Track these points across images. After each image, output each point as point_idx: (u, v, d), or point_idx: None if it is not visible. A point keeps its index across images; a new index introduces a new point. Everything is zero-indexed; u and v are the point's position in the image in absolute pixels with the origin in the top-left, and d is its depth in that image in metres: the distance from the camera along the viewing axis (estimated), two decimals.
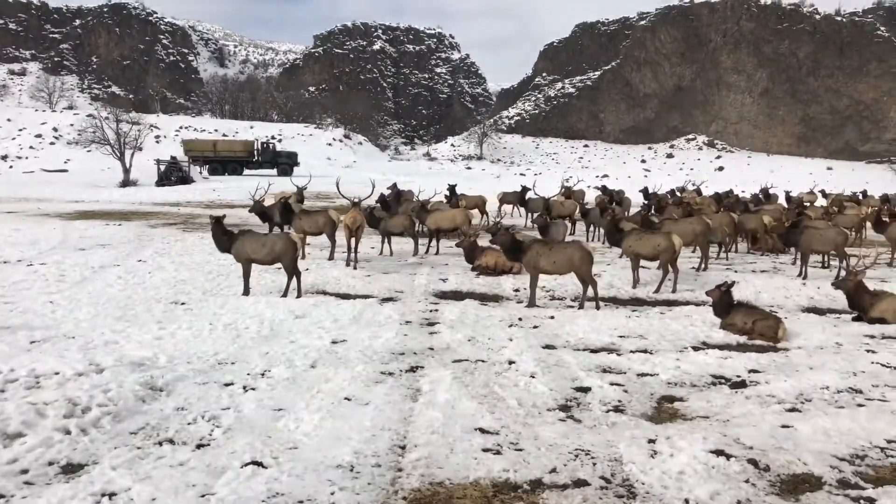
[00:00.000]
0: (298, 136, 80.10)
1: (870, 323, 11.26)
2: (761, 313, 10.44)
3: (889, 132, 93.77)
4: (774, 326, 10.05)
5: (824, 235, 15.44)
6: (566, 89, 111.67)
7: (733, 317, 10.41)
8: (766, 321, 10.15)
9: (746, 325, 10.20)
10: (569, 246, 11.86)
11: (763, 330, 10.08)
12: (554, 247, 11.83)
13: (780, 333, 9.98)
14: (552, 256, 11.67)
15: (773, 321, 10.16)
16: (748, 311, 10.48)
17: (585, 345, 9.58)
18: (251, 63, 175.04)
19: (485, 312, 11.19)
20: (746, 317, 10.26)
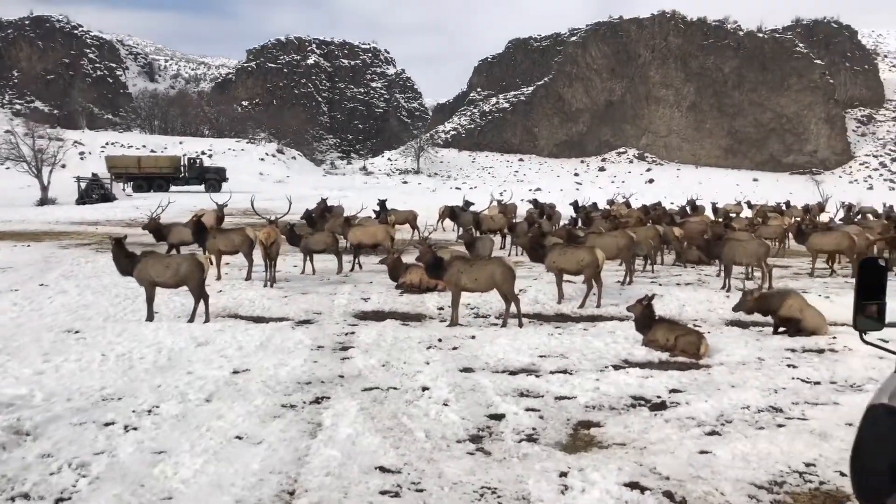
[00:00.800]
0: (230, 152, 78.41)
1: (783, 325, 11.28)
2: (683, 329, 10.27)
3: (810, 144, 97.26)
4: (696, 342, 9.87)
5: (746, 247, 15.50)
6: (500, 104, 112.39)
7: (655, 332, 10.21)
8: (687, 337, 9.96)
9: (668, 341, 10.01)
10: (490, 263, 11.51)
11: (685, 346, 9.88)
12: (475, 264, 11.46)
13: (702, 349, 9.81)
14: (473, 273, 11.29)
15: (696, 337, 9.97)
16: (670, 326, 10.30)
17: (505, 366, 9.19)
18: (182, 78, 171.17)
19: (403, 334, 10.71)
20: (668, 332, 10.07)
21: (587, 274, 13.30)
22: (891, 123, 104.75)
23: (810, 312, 11.30)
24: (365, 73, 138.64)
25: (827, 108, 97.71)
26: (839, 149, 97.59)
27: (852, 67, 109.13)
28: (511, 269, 11.39)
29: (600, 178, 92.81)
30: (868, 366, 9.46)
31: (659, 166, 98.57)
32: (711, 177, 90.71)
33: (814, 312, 11.34)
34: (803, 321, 11.18)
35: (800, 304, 11.31)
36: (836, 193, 68.49)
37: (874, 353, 9.97)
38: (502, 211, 26.88)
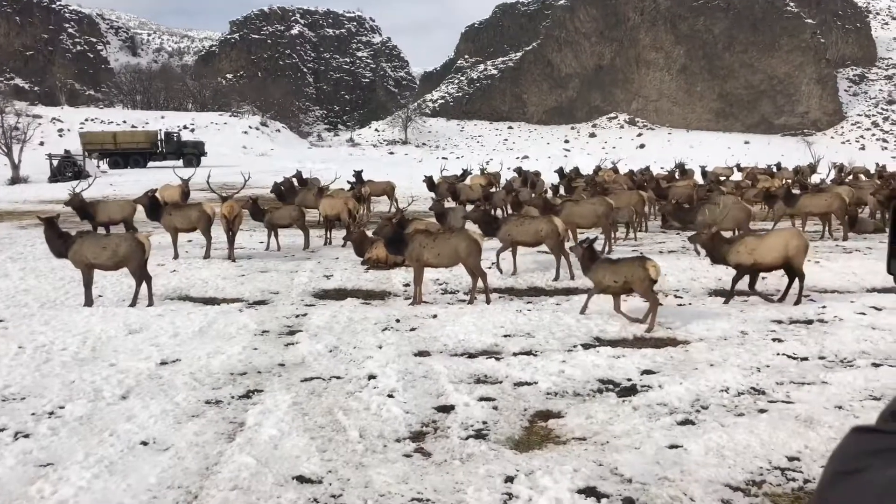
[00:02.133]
0: (212, 126, 76.92)
1: (734, 268, 10.57)
2: (627, 264, 9.30)
3: (801, 105, 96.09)
4: (644, 273, 9.00)
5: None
6: (489, 71, 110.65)
7: (596, 273, 9.42)
8: (633, 271, 9.08)
9: (616, 282, 9.22)
10: (454, 235, 10.69)
11: (635, 283, 9.09)
12: (438, 237, 10.63)
13: (653, 274, 9.00)
14: (436, 248, 10.47)
15: (640, 269, 9.03)
16: (612, 266, 9.38)
17: (465, 348, 8.42)
18: (166, 52, 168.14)
19: (360, 314, 9.90)
20: (613, 274, 9.23)
21: (549, 245, 12.52)
22: (883, 82, 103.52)
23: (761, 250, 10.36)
24: (350, 42, 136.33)
25: (818, 68, 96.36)
26: (831, 109, 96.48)
27: (844, 26, 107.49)
28: (477, 241, 10.57)
29: (591, 144, 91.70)
30: (860, 337, 8.72)
31: (650, 131, 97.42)
32: (703, 140, 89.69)
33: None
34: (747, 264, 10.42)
35: (749, 248, 10.37)
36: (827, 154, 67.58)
37: (866, 324, 9.25)
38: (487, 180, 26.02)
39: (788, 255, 10.22)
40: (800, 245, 10.31)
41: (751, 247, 10.32)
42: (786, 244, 10.24)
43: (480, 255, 10.72)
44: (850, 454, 1.05)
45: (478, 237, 10.71)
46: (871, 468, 0.97)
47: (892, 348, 8.37)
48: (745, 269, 10.47)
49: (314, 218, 18.70)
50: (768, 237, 10.54)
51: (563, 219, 14.30)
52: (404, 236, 10.83)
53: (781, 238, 10.41)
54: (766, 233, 11.09)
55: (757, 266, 10.46)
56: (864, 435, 1.08)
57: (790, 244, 10.25)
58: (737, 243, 10.51)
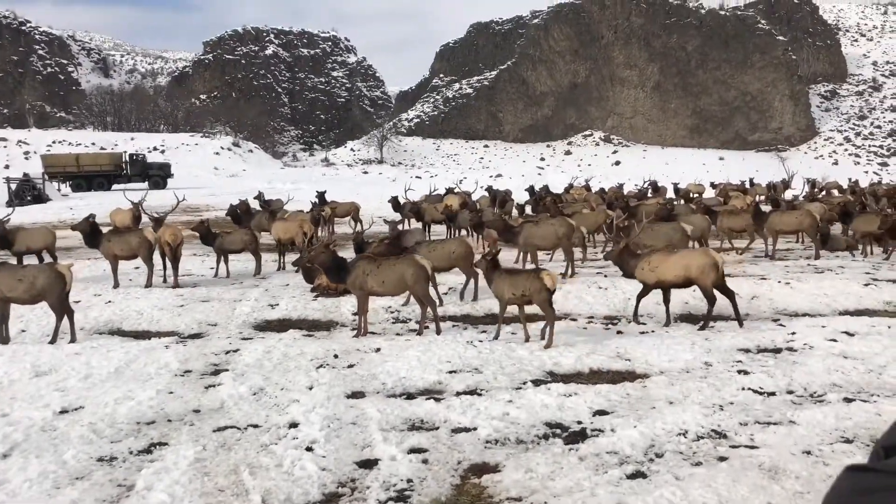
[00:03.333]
0: (183, 147, 75.85)
1: (640, 282, 10.47)
2: (524, 275, 9.31)
3: (774, 121, 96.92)
4: (540, 285, 9.00)
5: (695, 222, 14.79)
6: (464, 90, 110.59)
7: (498, 286, 9.41)
8: (530, 282, 9.10)
9: (515, 294, 9.25)
10: (400, 262, 9.99)
11: (533, 295, 9.10)
12: (383, 264, 9.93)
13: (549, 285, 9.01)
14: (381, 275, 9.78)
15: (535, 280, 9.04)
16: (511, 279, 9.34)
17: (404, 387, 7.70)
18: (139, 73, 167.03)
19: (297, 349, 9.14)
20: (512, 286, 9.24)
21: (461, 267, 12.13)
22: (854, 98, 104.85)
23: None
24: (325, 62, 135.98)
25: (790, 85, 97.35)
26: (804, 125, 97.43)
27: (814, 43, 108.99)
28: (424, 268, 9.88)
29: (566, 161, 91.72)
30: (831, 367, 8.11)
31: (625, 148, 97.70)
32: (678, 157, 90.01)
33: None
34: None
35: (653, 265, 10.18)
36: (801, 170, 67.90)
37: (837, 352, 8.65)
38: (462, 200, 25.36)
39: (691, 275, 9.94)
40: (703, 265, 9.92)
41: (654, 264, 10.15)
42: (687, 264, 9.98)
43: (428, 282, 10.05)
44: (844, 494, 1.08)
45: (425, 263, 10.01)
46: None
47: (865, 380, 7.77)
48: (649, 286, 10.34)
49: (271, 242, 17.95)
50: (673, 255, 10.27)
51: (522, 241, 13.71)
52: (345, 263, 10.11)
53: (685, 257, 10.16)
54: (674, 251, 10.71)
55: (660, 283, 10.23)
56: (858, 474, 1.11)
57: (692, 264, 9.97)
58: (642, 260, 10.35)
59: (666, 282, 10.16)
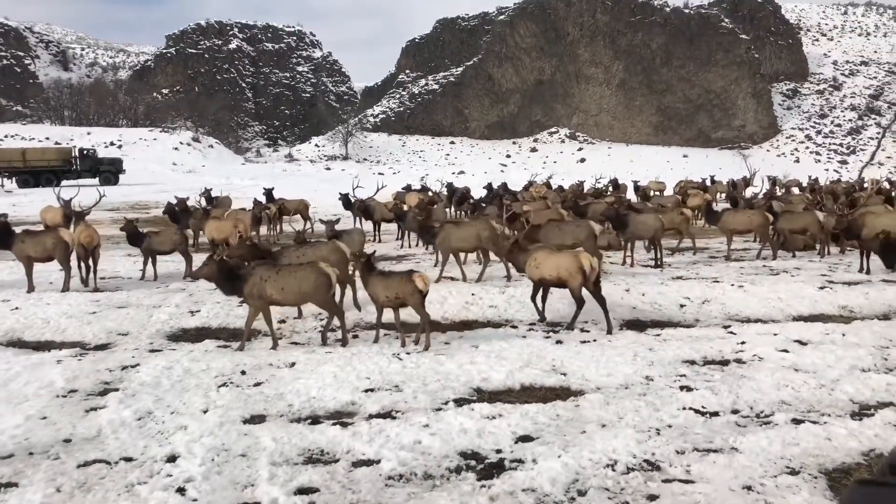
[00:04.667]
0: (141, 142, 73.92)
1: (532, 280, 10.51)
2: (397, 278, 9.12)
3: (737, 119, 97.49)
4: (412, 287, 8.89)
5: (646, 221, 14.54)
6: (430, 86, 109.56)
7: (372, 287, 9.22)
8: (402, 285, 8.96)
9: (389, 297, 9.09)
10: (301, 268, 9.15)
11: (406, 298, 8.98)
12: (283, 270, 9.05)
13: (421, 287, 8.90)
14: (280, 282, 8.89)
15: (408, 283, 8.92)
16: (384, 281, 9.18)
17: (312, 410, 6.91)
18: (99, 66, 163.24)
19: (203, 364, 8.29)
20: (385, 289, 9.08)
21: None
22: (815, 97, 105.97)
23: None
24: (290, 57, 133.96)
25: (753, 83, 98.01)
26: (766, 123, 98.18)
27: (777, 42, 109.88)
28: (327, 275, 9.05)
29: (532, 158, 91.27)
30: (781, 382, 7.50)
31: (591, 145, 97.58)
32: (642, 154, 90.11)
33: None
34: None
35: (537, 262, 10.25)
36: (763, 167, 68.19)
37: (789, 364, 8.04)
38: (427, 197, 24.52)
39: (561, 275, 9.96)
40: (571, 268, 9.86)
41: (538, 261, 10.20)
42: (559, 264, 9.98)
43: (332, 289, 9.22)
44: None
45: (330, 271, 9.19)
46: None
47: (816, 396, 7.16)
48: (535, 282, 10.38)
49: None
50: (554, 255, 10.25)
51: (440, 242, 13.11)
52: (238, 272, 9.20)
53: (560, 258, 10.11)
54: (555, 251, 10.61)
55: (543, 281, 10.25)
56: (869, 489, 1.15)
57: (563, 265, 9.95)
58: (529, 256, 10.40)
59: (545, 280, 10.21)
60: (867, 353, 8.54)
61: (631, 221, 14.66)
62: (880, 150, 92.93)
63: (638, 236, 15.11)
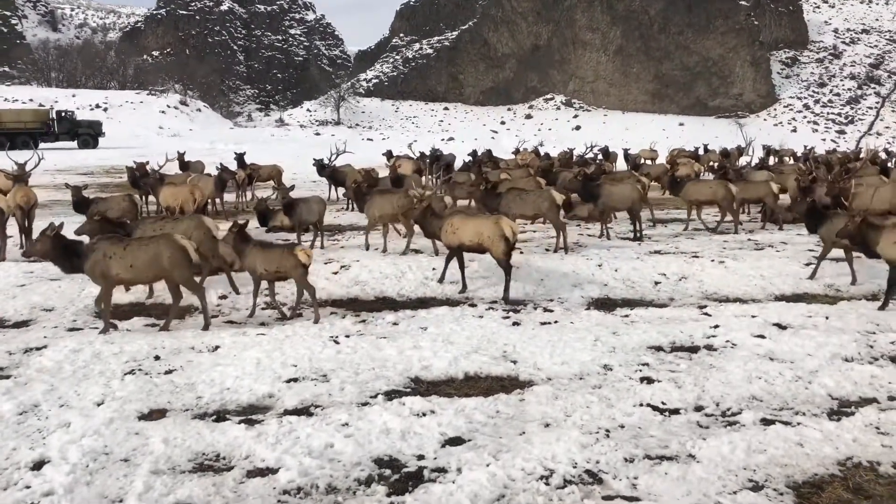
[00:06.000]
0: (127, 104, 72.39)
1: (446, 247, 10.33)
2: (279, 251, 8.73)
3: (735, 87, 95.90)
4: (295, 261, 8.51)
5: (621, 192, 13.67)
6: (424, 50, 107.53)
7: (249, 259, 8.78)
8: (284, 258, 8.57)
9: (268, 270, 8.67)
10: (153, 242, 8.16)
11: (288, 271, 8.59)
12: (130, 245, 8.09)
13: (303, 260, 8.56)
14: (128, 258, 7.93)
15: (290, 256, 8.53)
16: (264, 253, 8.71)
17: (222, 403, 6.13)
18: (89, 27, 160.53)
19: (116, 347, 7.46)
20: (265, 261, 8.64)
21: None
22: (814, 65, 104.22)
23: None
24: (283, 19, 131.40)
25: (752, 51, 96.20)
26: (764, 91, 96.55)
27: (777, 9, 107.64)
28: (183, 248, 8.10)
29: (527, 125, 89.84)
30: (753, 374, 6.73)
31: (586, 112, 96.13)
32: (638, 122, 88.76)
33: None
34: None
35: (455, 227, 9.96)
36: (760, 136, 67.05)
37: (763, 352, 7.26)
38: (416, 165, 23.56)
39: (482, 242, 9.72)
40: (494, 234, 9.61)
41: (456, 226, 9.96)
42: (480, 230, 9.73)
43: (190, 266, 8.24)
44: None
45: (186, 244, 8.21)
46: None
47: (791, 391, 6.40)
48: (453, 249, 10.09)
49: None
50: (470, 220, 10.06)
51: (366, 211, 12.67)
52: (78, 248, 8.22)
53: (479, 223, 9.88)
54: (473, 215, 10.56)
55: (462, 247, 9.98)
56: None
57: (484, 231, 9.69)
58: (445, 221, 10.12)
59: (464, 245, 9.94)
60: (851, 339, 7.76)
61: (604, 192, 13.80)
62: (879, 120, 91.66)
63: (612, 207, 14.26)
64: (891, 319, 8.54)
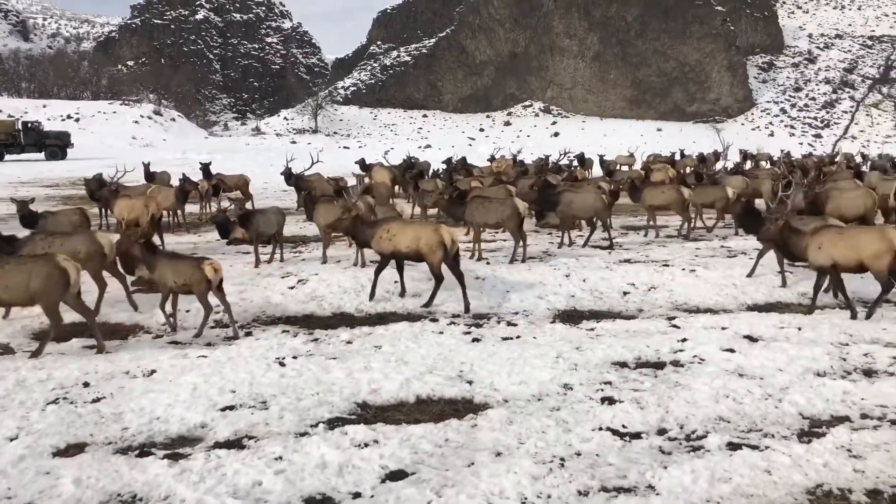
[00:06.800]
0: (100, 115, 71.38)
1: (378, 254, 9.94)
2: (188, 263, 8.38)
3: (712, 92, 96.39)
4: (200, 275, 8.18)
5: (581, 200, 13.35)
6: (402, 58, 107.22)
7: (158, 271, 8.42)
8: (191, 272, 8.24)
9: (177, 283, 8.33)
10: (30, 262, 7.53)
11: (193, 285, 8.24)
12: (7, 264, 7.46)
13: (210, 275, 8.19)
14: (5, 278, 7.32)
15: (196, 270, 8.20)
16: (173, 264, 8.39)
17: (149, 435, 5.66)
18: (62, 37, 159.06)
19: (42, 374, 6.92)
20: (174, 273, 8.29)
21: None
22: (790, 70, 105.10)
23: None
24: (259, 27, 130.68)
25: (728, 56, 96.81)
26: (741, 96, 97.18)
27: (752, 14, 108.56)
28: (63, 270, 7.47)
29: (506, 132, 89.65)
30: (721, 392, 6.36)
31: (565, 119, 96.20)
32: (616, 128, 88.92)
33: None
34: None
35: (390, 234, 9.63)
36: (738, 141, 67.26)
37: (733, 368, 6.90)
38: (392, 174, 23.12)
39: (420, 249, 9.43)
40: (433, 242, 9.34)
41: (392, 233, 9.64)
42: (417, 236, 9.45)
43: (64, 291, 7.52)
44: None
45: (68, 266, 7.57)
46: None
47: (760, 410, 6.03)
48: (386, 256, 9.75)
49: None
50: (409, 226, 9.86)
51: (317, 221, 12.30)
52: None
53: (418, 230, 9.66)
54: (409, 222, 10.47)
55: (397, 254, 9.68)
56: None
57: (423, 238, 9.40)
58: (379, 229, 9.81)
59: (399, 252, 9.64)
60: (824, 351, 7.42)
61: (562, 201, 13.43)
62: (854, 124, 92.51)
63: (572, 216, 13.90)
64: (864, 329, 8.23)
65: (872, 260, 8.43)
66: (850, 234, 8.81)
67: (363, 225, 10.12)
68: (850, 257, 8.56)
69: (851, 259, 8.57)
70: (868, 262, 8.48)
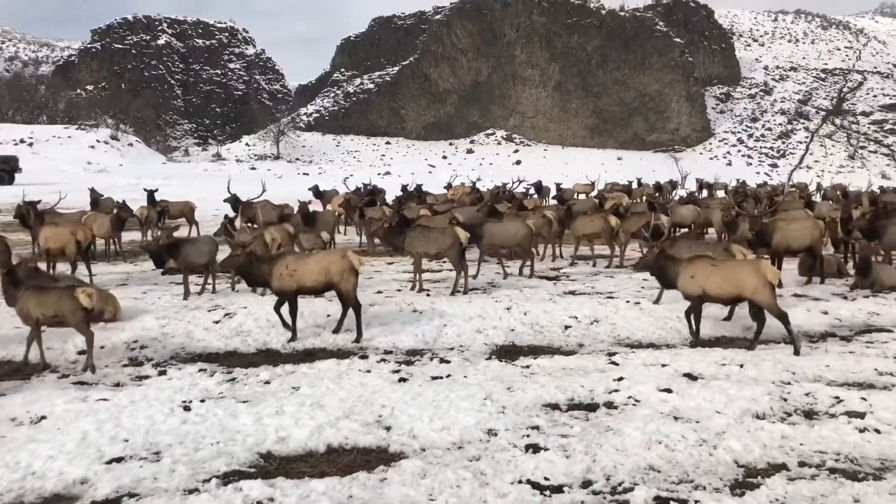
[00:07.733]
0: (55, 139, 69.70)
1: (275, 293, 9.31)
2: (56, 294, 7.92)
3: (672, 122, 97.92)
4: (74, 304, 7.74)
5: (502, 230, 13.07)
6: (365, 85, 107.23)
7: (22, 304, 7.89)
8: (62, 301, 7.79)
9: (45, 315, 7.83)
10: None
11: (66, 316, 7.79)
12: None
13: (85, 303, 7.75)
14: None
15: (69, 299, 7.76)
16: (38, 296, 7.86)
17: (20, 494, 5.12)
18: (20, 60, 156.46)
19: None
20: (40, 305, 7.80)
21: None
22: (747, 101, 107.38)
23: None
24: (222, 53, 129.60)
25: (687, 87, 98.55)
26: (699, 126, 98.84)
27: (710, 46, 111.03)
28: None
29: (468, 160, 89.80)
30: (652, 437, 5.96)
31: (527, 147, 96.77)
32: (577, 157, 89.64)
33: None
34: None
35: (290, 269, 9.05)
36: (696, 170, 68.28)
37: (668, 410, 6.51)
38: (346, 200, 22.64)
39: (331, 279, 9.02)
40: (344, 269, 9.02)
41: (292, 268, 9.04)
42: (327, 267, 9.01)
43: None
44: None
45: None
46: None
47: (693, 458, 5.63)
48: (287, 293, 9.10)
49: None
50: (311, 257, 9.34)
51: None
52: None
53: (323, 259, 9.21)
54: (311, 253, 10.03)
55: (303, 289, 9.12)
56: None
57: (332, 267, 9.00)
58: (277, 264, 9.11)
59: (305, 287, 9.09)
60: (765, 391, 7.09)
61: (485, 232, 13.03)
62: (808, 154, 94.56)
63: (498, 245, 13.50)
64: (808, 366, 7.94)
65: (752, 294, 8.59)
66: (726, 267, 8.92)
67: (257, 261, 9.40)
68: (724, 290, 8.73)
69: (724, 291, 8.74)
70: (749, 296, 8.66)
